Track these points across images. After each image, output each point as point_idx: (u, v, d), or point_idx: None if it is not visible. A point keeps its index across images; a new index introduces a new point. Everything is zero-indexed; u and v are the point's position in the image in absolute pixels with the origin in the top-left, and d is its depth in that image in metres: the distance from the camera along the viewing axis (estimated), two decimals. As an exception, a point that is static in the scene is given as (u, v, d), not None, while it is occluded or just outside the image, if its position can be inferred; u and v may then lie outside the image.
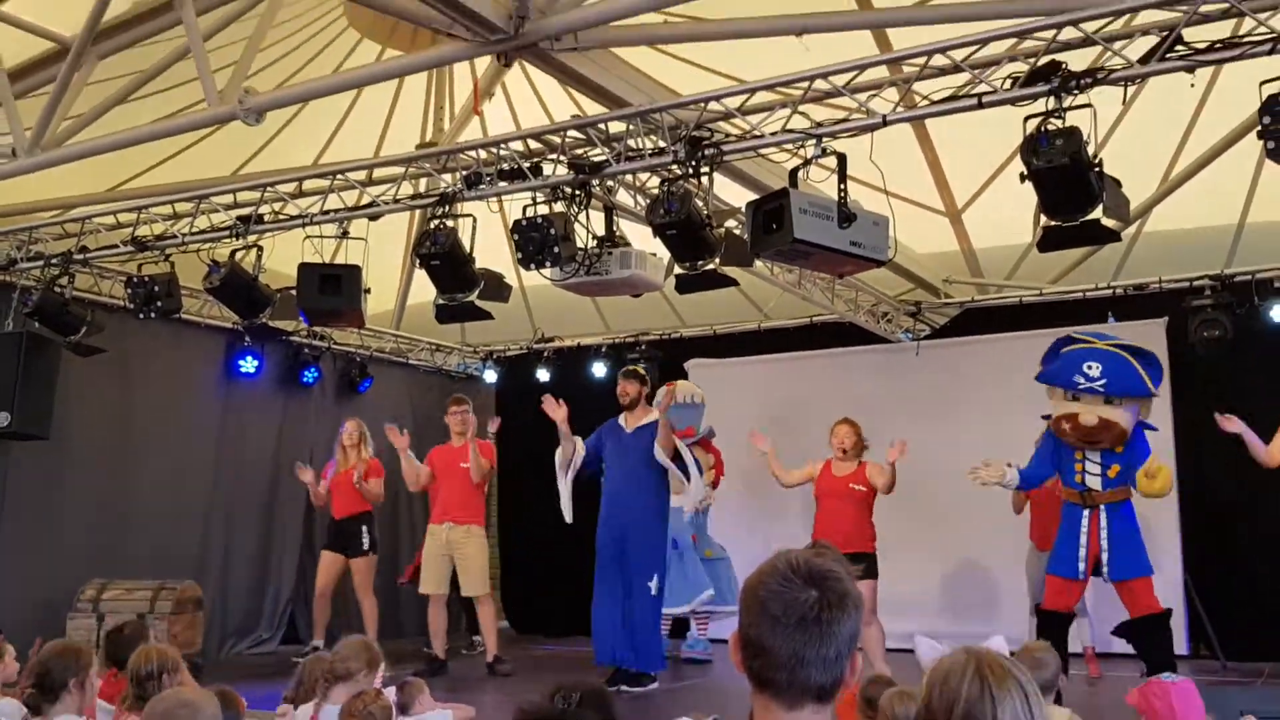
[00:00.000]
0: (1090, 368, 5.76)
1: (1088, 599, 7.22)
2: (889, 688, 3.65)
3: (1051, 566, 6.07)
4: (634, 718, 5.65)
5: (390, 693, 4.18)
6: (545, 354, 10.78)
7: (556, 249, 5.70)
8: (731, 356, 10.09)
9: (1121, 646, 6.71)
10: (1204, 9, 4.51)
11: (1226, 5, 4.46)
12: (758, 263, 7.05)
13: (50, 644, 3.85)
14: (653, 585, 7.08)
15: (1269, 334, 7.89)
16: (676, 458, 7.18)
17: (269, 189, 6.77)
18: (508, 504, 11.34)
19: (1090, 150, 4.78)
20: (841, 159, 5.31)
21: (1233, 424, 6.02)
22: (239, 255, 6.94)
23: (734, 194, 6.47)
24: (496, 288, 6.56)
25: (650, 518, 7.13)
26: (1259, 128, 4.44)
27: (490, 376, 11.33)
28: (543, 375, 10.68)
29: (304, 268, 6.57)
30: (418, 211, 7.58)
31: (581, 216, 5.93)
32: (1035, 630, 6.22)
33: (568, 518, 7.38)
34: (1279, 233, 7.84)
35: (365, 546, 8.33)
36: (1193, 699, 3.05)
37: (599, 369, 10.34)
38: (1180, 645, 8.01)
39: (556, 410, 7.25)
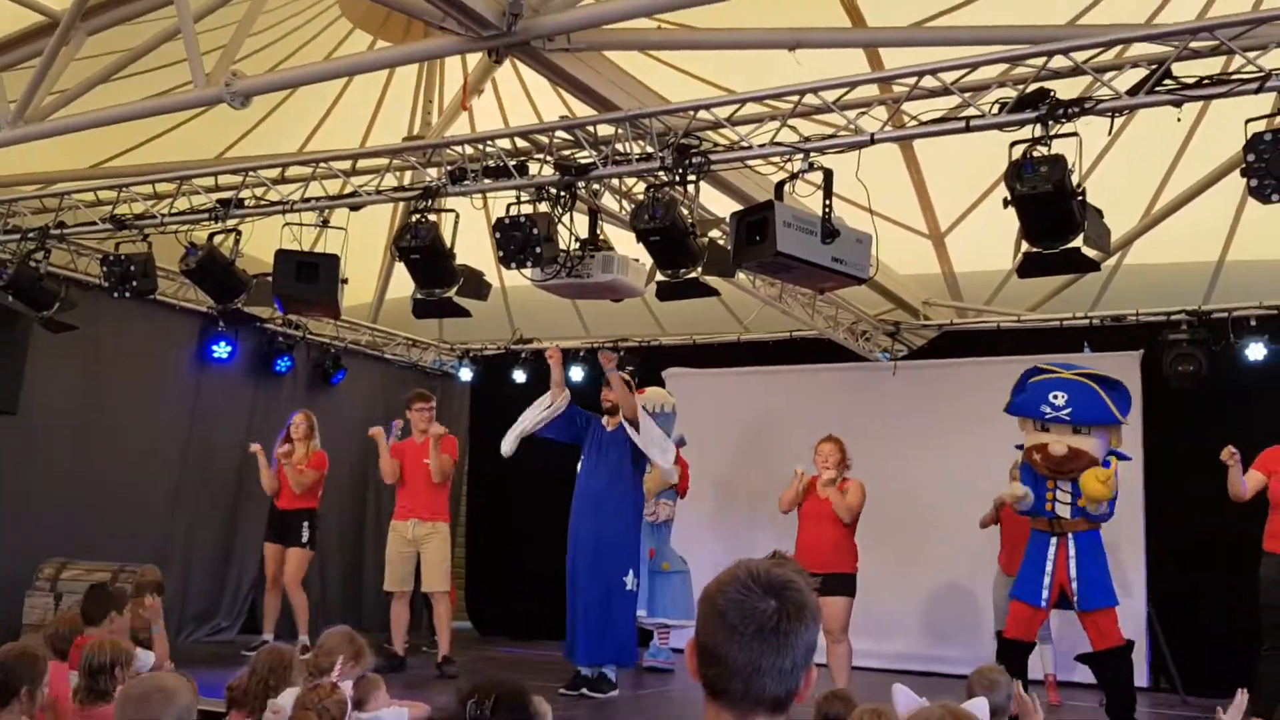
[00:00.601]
0: (1056, 397, 5.79)
1: (1051, 625, 7.24)
2: (849, 704, 3.64)
3: (1015, 591, 6.10)
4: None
5: (347, 687, 4.13)
6: (523, 355, 10.75)
7: (538, 249, 5.67)
8: (709, 367, 10.08)
9: (1083, 675, 6.75)
10: (1194, 45, 4.54)
11: (1216, 43, 4.49)
12: (739, 274, 7.04)
13: (8, 648, 3.81)
14: (628, 580, 7.07)
15: (1243, 371, 7.94)
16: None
17: (251, 174, 6.71)
18: (476, 505, 11.29)
19: (1074, 179, 4.79)
20: (828, 175, 5.31)
21: (1233, 458, 6.05)
22: (217, 239, 6.88)
23: (719, 204, 6.46)
24: (476, 285, 6.53)
25: (626, 514, 7.12)
26: (1243, 165, 4.47)
27: (466, 375, 11.28)
28: (519, 376, 10.65)
29: (281, 254, 6.52)
30: (401, 205, 7.56)
31: (565, 218, 5.90)
32: (996, 655, 6.23)
33: (506, 449, 7.32)
34: (1258, 271, 7.90)
35: (304, 540, 8.24)
36: None
37: (576, 373, 10.30)
38: (1141, 677, 8.05)
39: (554, 356, 7.27)
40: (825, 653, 6.69)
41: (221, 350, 9.10)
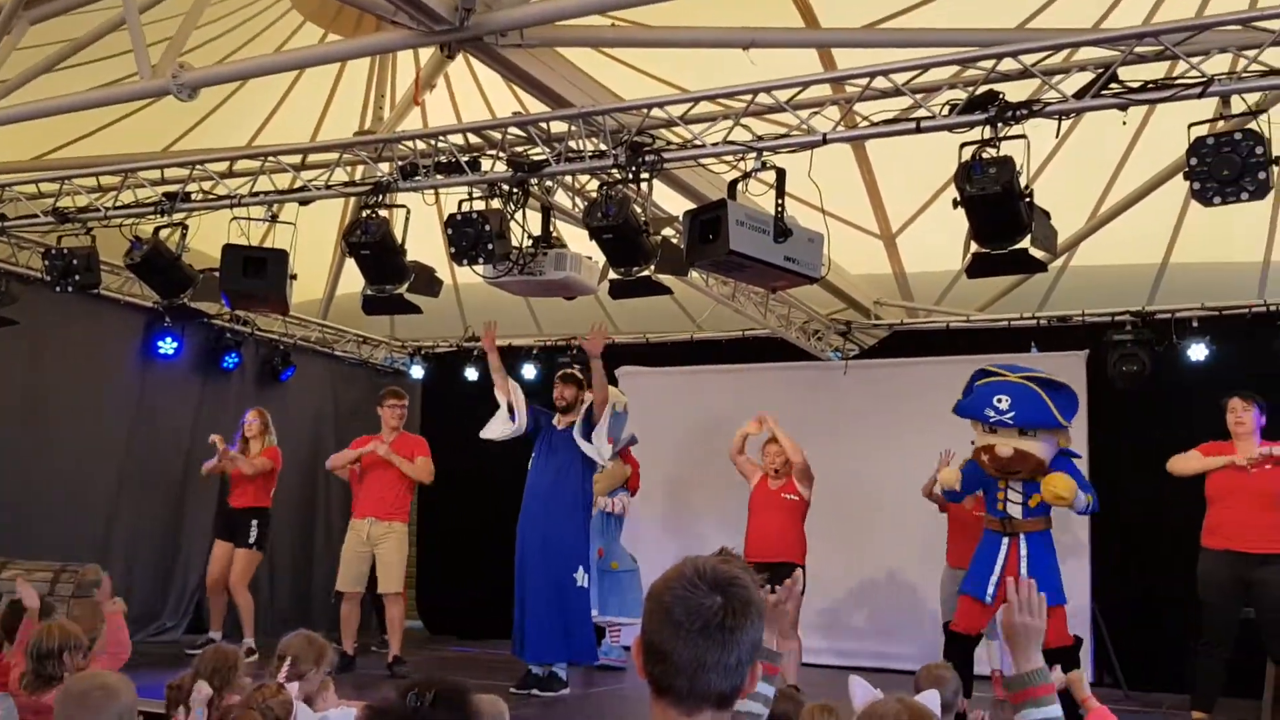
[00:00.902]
0: (1000, 400, 5.85)
1: (999, 621, 7.32)
2: (797, 703, 3.65)
3: (964, 585, 6.16)
4: (542, 723, 5.60)
5: (293, 688, 4.08)
6: (475, 352, 10.66)
7: (490, 246, 5.65)
8: (663, 365, 10.09)
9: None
10: (1139, 50, 4.61)
11: (1161, 48, 4.57)
12: (692, 273, 7.06)
13: None
14: (579, 577, 7.06)
15: (1185, 372, 8.09)
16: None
17: (198, 167, 6.62)
18: (426, 503, 11.17)
19: (1022, 181, 4.86)
20: (780, 174, 5.34)
21: None
22: (163, 233, 6.78)
23: (672, 203, 6.47)
24: (427, 281, 6.48)
25: (575, 512, 7.11)
26: (1186, 169, 4.55)
27: (417, 372, 11.20)
28: (471, 374, 10.59)
29: (228, 249, 6.44)
30: (351, 200, 7.49)
31: (518, 215, 5.88)
32: (943, 647, 6.30)
33: (495, 435, 7.36)
34: (1200, 274, 8.05)
35: (251, 540, 8.13)
36: None
37: (529, 371, 10.27)
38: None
39: (489, 340, 7.29)
40: None
41: (167, 346, 8.95)
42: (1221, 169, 4.41)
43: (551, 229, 6.21)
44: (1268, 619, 5.84)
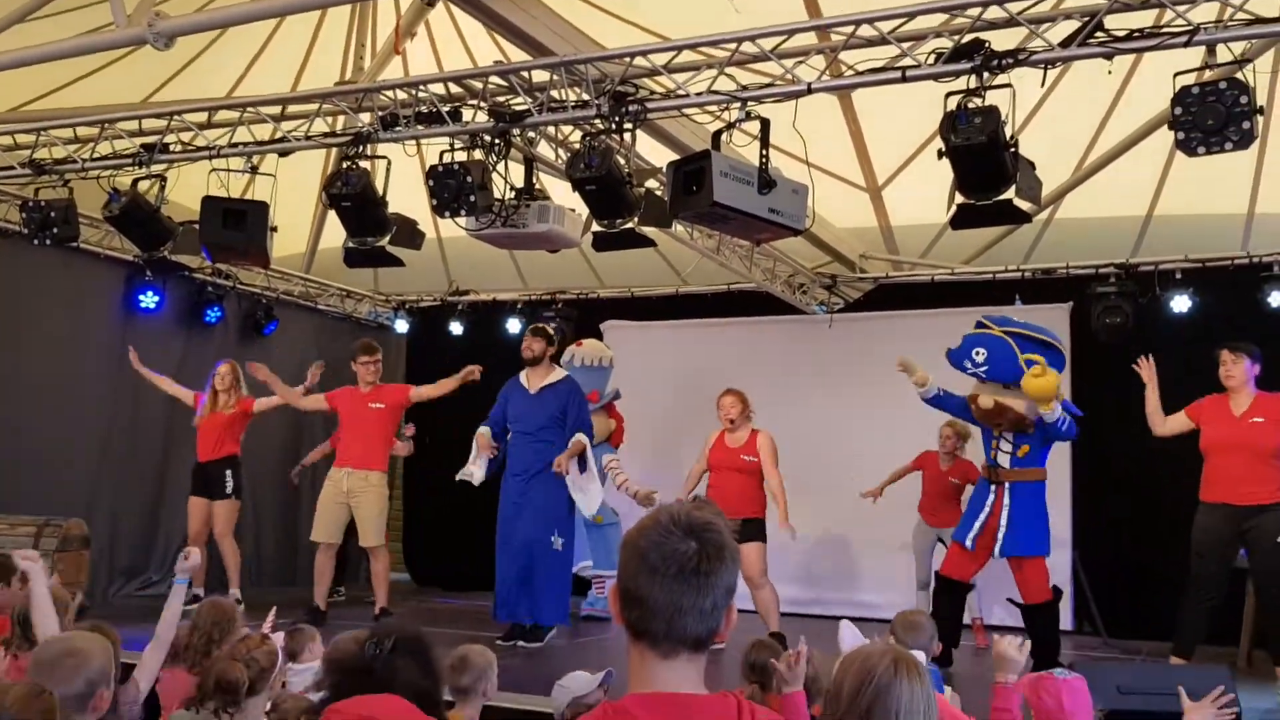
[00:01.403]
0: (978, 354, 5.91)
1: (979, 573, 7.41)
2: (775, 651, 3.68)
3: (955, 534, 6.27)
4: (529, 672, 5.64)
5: (278, 639, 4.09)
6: (459, 307, 10.65)
7: (472, 198, 5.60)
8: (647, 320, 10.07)
9: (1014, 619, 6.92)
10: (1126, -3, 4.57)
11: (1148, -5, 4.53)
12: (677, 226, 7.03)
13: None
14: (556, 541, 7.06)
15: (1168, 323, 8.11)
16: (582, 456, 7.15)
17: (176, 118, 6.54)
18: (413, 456, 11.20)
19: (1008, 131, 4.84)
20: (765, 124, 5.30)
21: (1147, 373, 6.28)
22: (141, 185, 6.70)
23: (656, 154, 6.42)
24: (409, 234, 6.44)
25: (554, 477, 7.07)
26: (1170, 119, 4.53)
27: (402, 326, 11.16)
28: (456, 328, 10.57)
29: (208, 201, 6.38)
30: (332, 151, 7.42)
31: (500, 166, 5.84)
32: (932, 597, 6.38)
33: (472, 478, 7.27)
34: (1184, 225, 8.06)
35: (228, 491, 8.10)
36: (1082, 697, 3.12)
37: (514, 325, 10.26)
38: (1065, 621, 8.27)
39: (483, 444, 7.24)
40: (751, 600, 6.79)
41: (149, 300, 8.89)
42: (1206, 118, 4.40)
43: (534, 181, 6.16)
44: (1260, 566, 5.88)
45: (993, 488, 6.08)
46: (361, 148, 6.00)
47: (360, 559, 9.10)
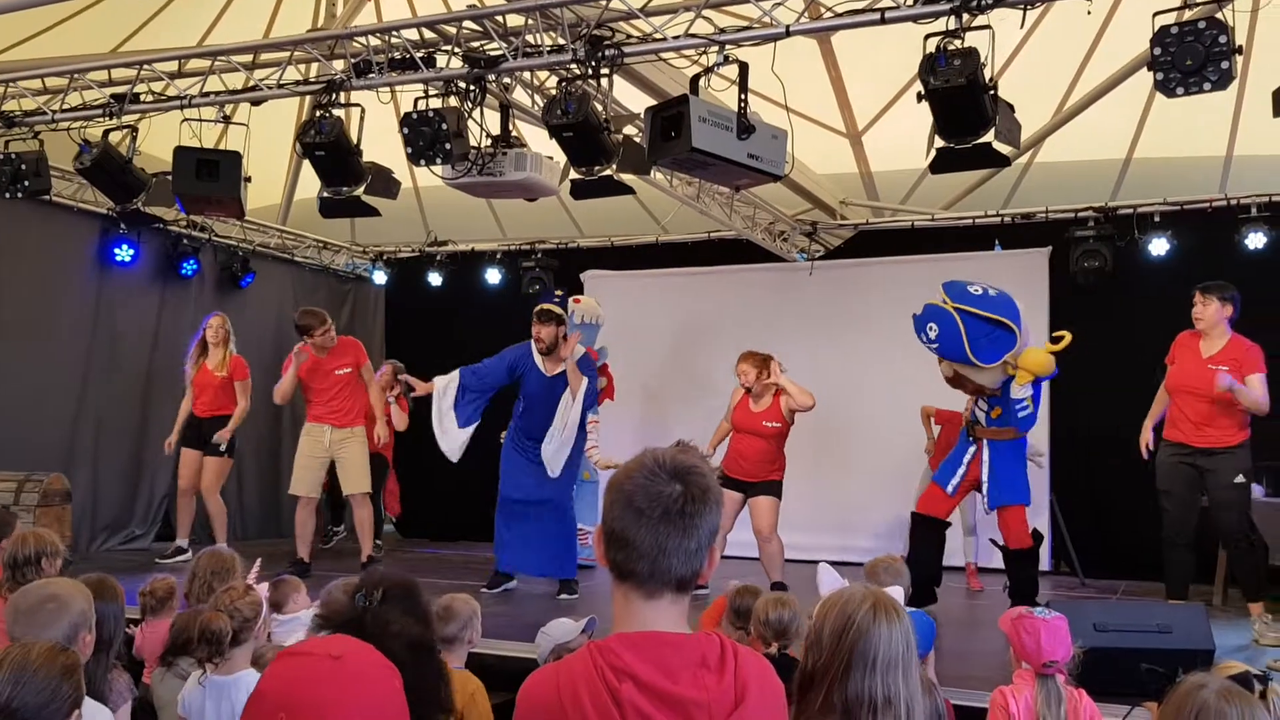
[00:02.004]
0: (930, 329, 5.96)
1: (977, 519, 7.50)
2: (756, 595, 3.72)
3: (935, 476, 6.36)
4: (514, 620, 5.68)
5: (263, 589, 4.11)
6: (438, 257, 10.59)
7: (448, 145, 5.54)
8: (628, 269, 10.04)
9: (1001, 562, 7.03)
10: (1106, -64, 4.53)
11: (1128, -66, 4.49)
12: (656, 174, 6.98)
13: None
14: (572, 500, 7.23)
15: (1146, 267, 8.14)
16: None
17: (147, 68, 6.43)
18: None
19: (987, 74, 4.81)
20: (743, 68, 5.26)
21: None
22: (113, 136, 6.61)
23: (634, 100, 6.36)
24: (385, 183, 6.38)
25: (573, 449, 7.08)
26: (1149, 60, 4.51)
27: (380, 278, 11.08)
28: (434, 279, 10.51)
29: (180, 151, 6.30)
30: (306, 100, 7.32)
31: (476, 114, 5.77)
32: (908, 535, 6.47)
33: (454, 457, 7.20)
34: (1162, 169, 8.06)
35: (222, 449, 8.06)
36: (1061, 635, 3.18)
37: (493, 275, 10.22)
38: (1043, 562, 8.37)
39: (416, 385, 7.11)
40: (758, 551, 6.87)
41: (124, 253, 8.79)
42: (1185, 59, 4.38)
43: (511, 128, 6.10)
44: (1219, 506, 5.97)
45: (973, 442, 6.23)
46: (334, 95, 5.92)
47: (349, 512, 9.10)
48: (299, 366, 7.61)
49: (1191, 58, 4.37)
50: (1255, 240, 7.70)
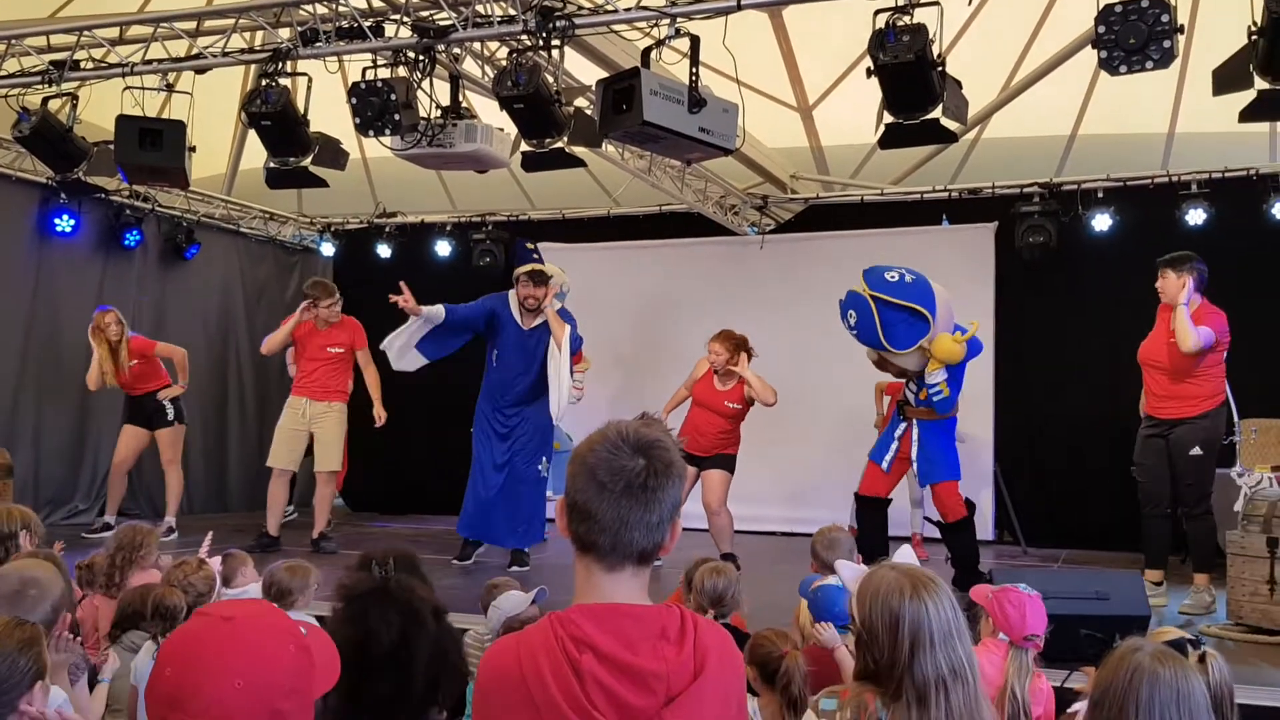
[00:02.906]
0: (851, 315, 6.04)
1: (924, 493, 7.61)
2: (717, 572, 3.75)
3: (871, 453, 6.44)
4: (465, 592, 5.69)
5: (215, 563, 4.09)
6: (386, 229, 10.48)
7: (397, 116, 5.49)
8: (580, 241, 10.02)
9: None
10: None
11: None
12: (607, 146, 6.96)
13: None
14: (542, 467, 7.17)
15: (1089, 243, 8.27)
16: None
17: (87, 34, 6.29)
18: (345, 381, 11.13)
19: (935, 50, 4.85)
20: (695, 41, 5.24)
21: None
22: (52, 104, 6.47)
23: (585, 72, 6.33)
24: (332, 154, 6.30)
25: (545, 409, 7.05)
26: (1094, 37, 4.57)
27: (328, 250, 10.95)
28: (383, 251, 10.41)
29: (122, 120, 6.18)
30: (251, 69, 7.21)
31: (425, 84, 5.71)
32: (854, 516, 6.55)
33: (396, 364, 7.13)
34: (1106, 145, 8.19)
35: (170, 418, 7.96)
36: (1041, 612, 3.26)
37: (443, 247, 10.13)
38: (987, 531, 8.54)
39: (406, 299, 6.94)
40: (708, 523, 6.92)
41: (64, 224, 8.61)
42: (1128, 37, 4.45)
43: (460, 99, 6.05)
44: (1179, 477, 6.01)
45: (904, 420, 6.36)
46: (281, 64, 5.83)
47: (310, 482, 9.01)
48: (296, 325, 7.55)
49: (1135, 36, 4.43)
50: (1195, 216, 7.84)
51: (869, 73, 4.89)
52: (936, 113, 5.03)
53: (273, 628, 1.51)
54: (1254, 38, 4.56)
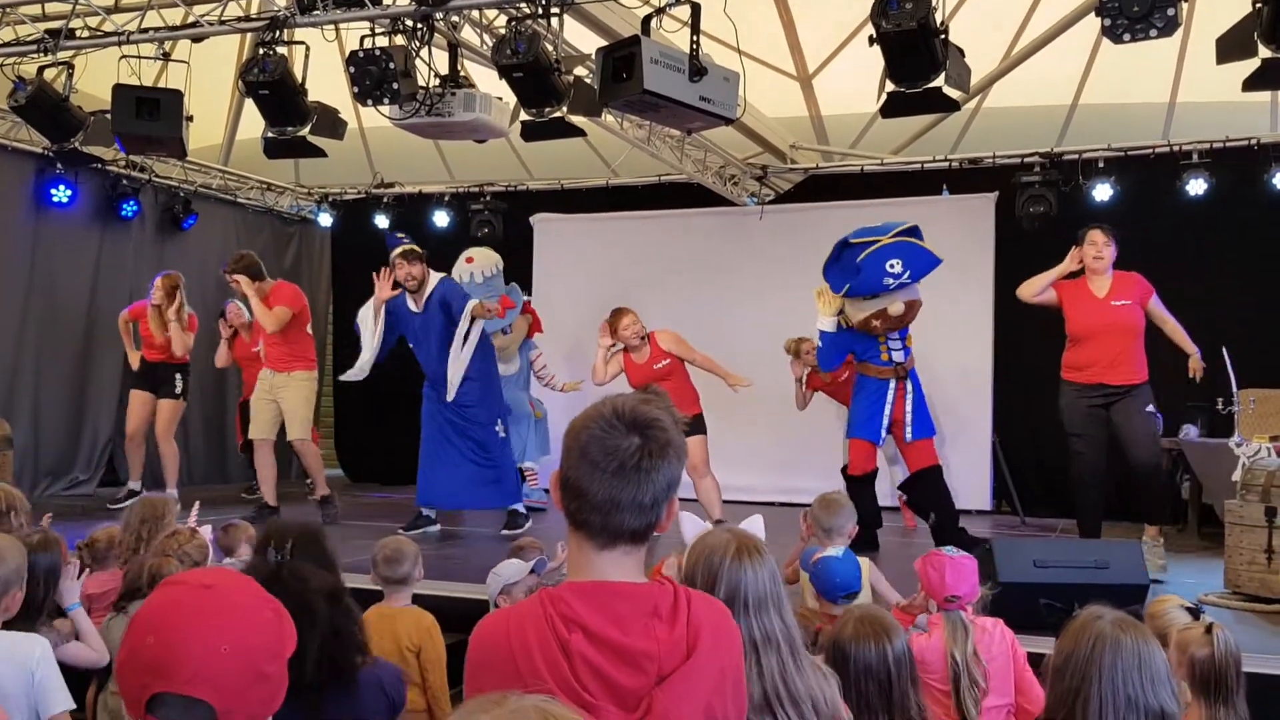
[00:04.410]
0: (893, 265, 6.04)
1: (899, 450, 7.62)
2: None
3: (857, 432, 6.47)
4: (464, 561, 5.72)
5: (206, 531, 4.08)
6: (384, 200, 10.43)
7: (395, 85, 5.45)
8: (578, 212, 9.98)
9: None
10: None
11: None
12: (606, 116, 6.92)
13: None
14: (499, 429, 7.13)
15: (1090, 212, 8.20)
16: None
17: (82, 2, 6.23)
18: (343, 351, 11.11)
19: (938, 18, 4.82)
20: (695, 9, 5.21)
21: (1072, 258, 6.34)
22: (48, 73, 6.42)
23: (584, 40, 6.28)
24: (330, 123, 6.27)
25: (481, 386, 7.01)
26: (1097, 5, 4.54)
27: (325, 220, 10.91)
28: (381, 221, 10.36)
29: (119, 89, 6.14)
30: (248, 37, 7.16)
31: (423, 53, 5.67)
32: (847, 490, 6.55)
33: (359, 375, 7.10)
34: (1107, 114, 8.15)
35: (176, 391, 7.97)
36: (967, 574, 3.25)
37: (441, 218, 10.09)
38: (984, 501, 8.58)
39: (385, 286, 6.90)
40: (694, 490, 6.91)
41: (61, 194, 8.57)
42: (1132, 4, 4.42)
43: (459, 68, 6.01)
44: (1130, 434, 6.03)
45: (894, 383, 6.38)
46: (278, 33, 5.79)
47: (292, 457, 9.02)
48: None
49: (1138, 4, 4.40)
50: (1196, 186, 7.82)
51: (871, 41, 4.86)
52: (939, 81, 5.00)
53: (250, 592, 1.52)
54: (1258, 5, 4.54)
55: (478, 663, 1.70)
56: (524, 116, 5.84)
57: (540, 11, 5.30)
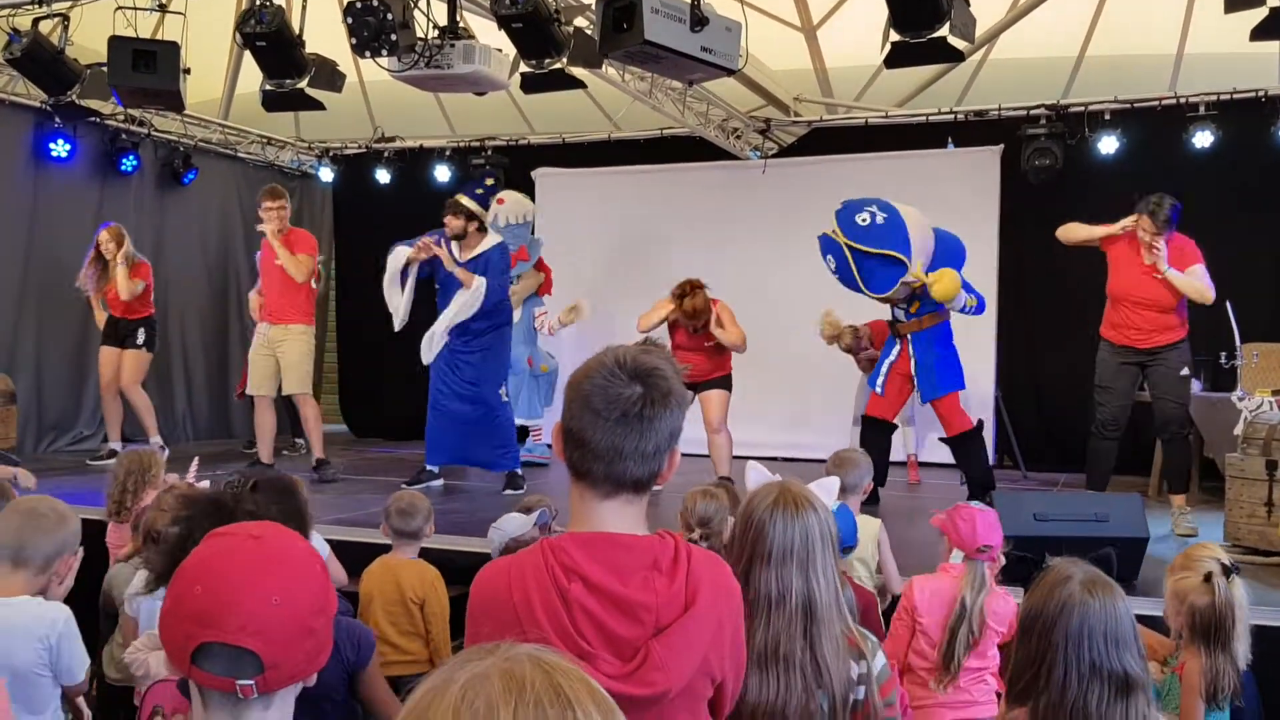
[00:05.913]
0: (829, 260, 6.23)
1: (914, 409, 7.62)
2: (711, 498, 3.76)
3: (870, 380, 6.56)
4: (467, 515, 5.74)
5: (203, 486, 4.08)
6: (385, 154, 10.37)
7: (393, 36, 5.40)
8: (580, 166, 9.91)
9: (942, 456, 7.17)
10: None
11: None
12: (607, 67, 6.86)
13: None
14: (503, 392, 7.12)
15: (1095, 165, 8.19)
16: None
17: (75, -48, 6.17)
18: (346, 306, 11.12)
19: (943, -34, 4.75)
20: (696, -42, 5.14)
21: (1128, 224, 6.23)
22: (43, 25, 6.35)
23: (585, -9, 6.21)
24: (329, 76, 6.22)
25: (493, 340, 7.00)
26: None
27: (326, 175, 10.85)
28: (382, 176, 10.32)
29: (115, 41, 6.07)
30: (245, -12, 7.06)
31: (422, 4, 5.61)
32: (859, 437, 6.60)
33: (398, 325, 7.05)
34: (1114, 66, 8.05)
35: (140, 342, 7.90)
36: (995, 525, 3.27)
37: (442, 173, 10.04)
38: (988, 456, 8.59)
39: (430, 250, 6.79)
40: (707, 444, 6.93)
41: (60, 149, 8.52)
42: (1141, -48, 4.34)
43: (458, 19, 5.94)
44: (1163, 397, 6.13)
45: (897, 340, 6.47)
46: (275, -16, 5.72)
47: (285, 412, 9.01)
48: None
49: (1147, -49, 4.33)
50: (1203, 139, 7.75)
51: (875, -10, 4.80)
52: (944, 30, 4.95)
53: (297, 547, 1.50)
54: (1269, -48, 4.46)
55: (478, 610, 1.71)
56: (524, 68, 5.78)
57: (540, -39, 5.22)
